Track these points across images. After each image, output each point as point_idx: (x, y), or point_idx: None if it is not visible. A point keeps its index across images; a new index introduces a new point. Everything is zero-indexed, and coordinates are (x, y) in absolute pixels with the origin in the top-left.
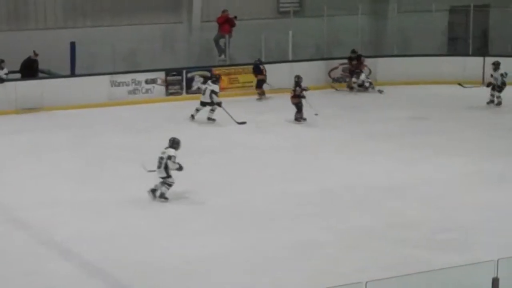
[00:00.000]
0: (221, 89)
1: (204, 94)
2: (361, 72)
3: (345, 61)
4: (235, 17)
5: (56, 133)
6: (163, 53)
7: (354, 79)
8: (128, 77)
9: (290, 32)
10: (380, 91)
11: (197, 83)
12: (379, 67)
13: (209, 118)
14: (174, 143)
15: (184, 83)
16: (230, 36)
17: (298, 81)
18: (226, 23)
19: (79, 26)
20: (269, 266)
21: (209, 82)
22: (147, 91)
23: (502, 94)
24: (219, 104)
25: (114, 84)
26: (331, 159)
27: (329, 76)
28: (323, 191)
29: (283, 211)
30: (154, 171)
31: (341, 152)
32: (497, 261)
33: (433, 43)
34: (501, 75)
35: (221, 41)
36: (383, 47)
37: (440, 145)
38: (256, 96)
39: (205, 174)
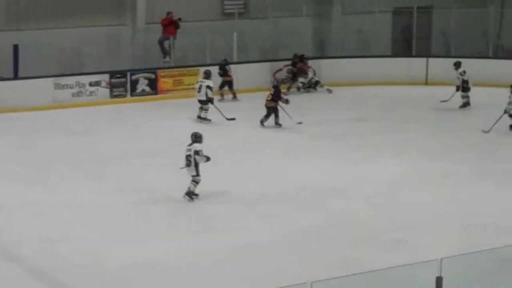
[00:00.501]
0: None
1: (200, 91)
2: (307, 73)
3: (290, 63)
4: (180, 19)
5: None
6: (108, 55)
7: (302, 79)
8: (72, 80)
9: (235, 34)
10: (329, 90)
11: (141, 85)
12: (323, 68)
13: (204, 118)
14: (197, 138)
15: (128, 86)
16: (174, 38)
17: (277, 85)
18: (170, 25)
19: (22, 29)
20: (214, 268)
21: (201, 79)
22: (91, 93)
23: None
24: (211, 100)
25: (58, 86)
26: (277, 160)
27: (274, 77)
28: (268, 192)
29: (227, 212)
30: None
31: (286, 153)
32: (441, 260)
33: (377, 44)
34: (460, 74)
35: (166, 43)
36: (328, 48)
37: (384, 145)
38: (219, 97)
39: (149, 176)
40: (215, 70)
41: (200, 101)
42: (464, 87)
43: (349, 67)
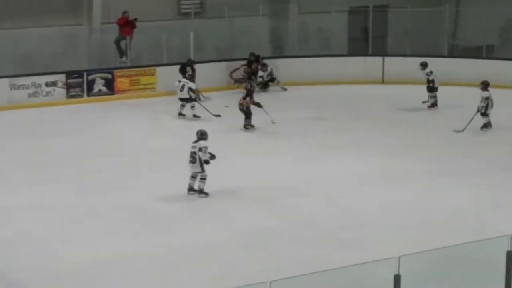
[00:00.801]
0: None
1: (182, 90)
2: (263, 71)
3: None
4: (136, 19)
5: None
6: (64, 55)
7: (261, 73)
8: (28, 80)
9: (192, 33)
10: (283, 88)
11: (98, 85)
12: (280, 68)
13: (194, 115)
14: (203, 135)
15: (85, 86)
16: (131, 38)
17: (251, 89)
18: (126, 25)
19: None
20: (169, 269)
21: (184, 79)
22: (47, 94)
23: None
24: (195, 99)
25: (13, 87)
26: (234, 159)
27: (231, 77)
28: (225, 191)
29: (183, 212)
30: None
31: (243, 152)
32: (399, 258)
33: (333, 44)
34: (427, 74)
35: (122, 43)
36: (284, 48)
37: (341, 144)
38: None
39: (105, 176)
40: (172, 69)
41: (182, 99)
42: (431, 87)
43: (306, 66)
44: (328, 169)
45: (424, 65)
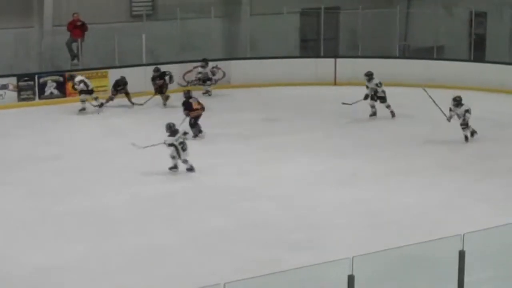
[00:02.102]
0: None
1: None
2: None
3: (199, 63)
4: (84, 24)
5: None
6: (15, 58)
7: (198, 75)
8: None
9: (143, 36)
10: (208, 93)
11: (50, 88)
12: (232, 70)
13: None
14: (170, 129)
15: (36, 89)
16: (82, 40)
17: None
18: (77, 27)
19: None
20: (121, 272)
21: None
22: None
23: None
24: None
25: None
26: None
27: (183, 79)
28: (173, 193)
29: (135, 215)
30: (147, 146)
31: (194, 154)
32: (352, 258)
33: (285, 45)
34: (377, 85)
35: (74, 46)
36: (237, 49)
37: (292, 145)
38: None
39: (57, 180)
40: (124, 72)
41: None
42: (381, 97)
43: (257, 68)
44: (280, 170)
45: (369, 75)
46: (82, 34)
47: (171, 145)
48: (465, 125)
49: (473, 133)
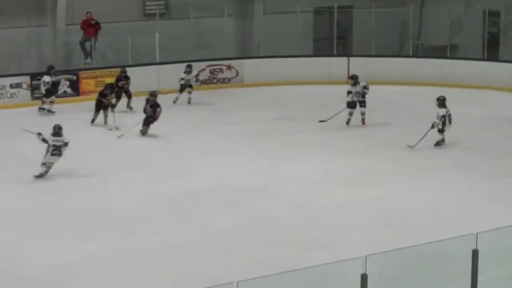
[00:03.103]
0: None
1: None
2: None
3: (213, 62)
4: (97, 23)
5: None
6: (28, 56)
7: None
8: None
9: (157, 34)
10: (189, 100)
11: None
12: (245, 68)
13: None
14: (60, 129)
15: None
16: (95, 39)
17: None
18: (90, 26)
19: None
20: (135, 270)
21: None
22: (12, 95)
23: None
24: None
25: None
26: (197, 160)
27: (197, 78)
28: (188, 192)
29: (148, 214)
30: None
31: (207, 153)
32: (365, 257)
33: (298, 44)
34: (364, 87)
35: (87, 44)
36: (250, 48)
37: (306, 144)
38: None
39: (65, 178)
40: (137, 70)
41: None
42: (363, 101)
43: (270, 67)
44: (293, 169)
45: (354, 78)
46: (96, 33)
47: (44, 140)
48: (440, 128)
49: (441, 141)
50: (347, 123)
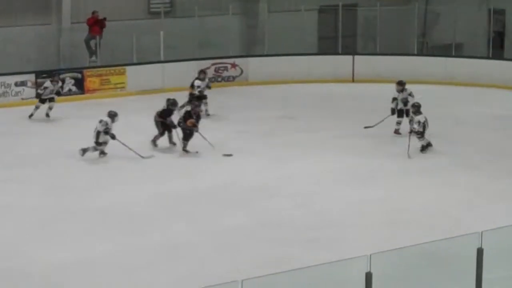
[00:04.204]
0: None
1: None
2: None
3: (218, 61)
4: (105, 19)
5: None
6: (33, 55)
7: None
8: None
9: (162, 33)
10: (206, 113)
11: (68, 85)
12: (250, 67)
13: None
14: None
15: None
16: (100, 37)
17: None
18: (96, 24)
19: None
20: (141, 269)
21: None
22: (17, 93)
23: None
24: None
25: None
26: (202, 159)
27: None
28: (194, 191)
29: (154, 212)
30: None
31: (212, 152)
32: (370, 256)
33: (303, 43)
34: (409, 95)
35: (92, 43)
36: (254, 47)
37: (310, 143)
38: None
39: (76, 177)
40: (142, 69)
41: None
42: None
43: (276, 65)
44: (297, 168)
45: (402, 85)
46: (100, 31)
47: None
48: (420, 134)
49: (428, 145)
50: (396, 132)
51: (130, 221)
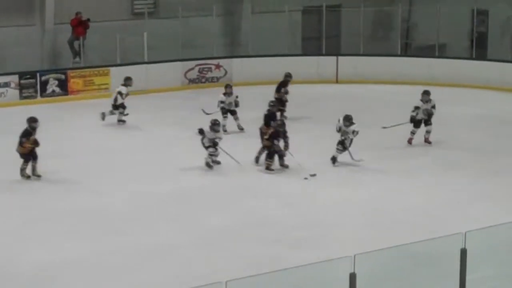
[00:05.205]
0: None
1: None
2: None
3: (202, 62)
4: (88, 20)
5: None
6: (16, 56)
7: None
8: None
9: (145, 34)
10: (240, 128)
11: (52, 86)
12: (234, 68)
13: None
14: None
15: (38, 86)
16: (84, 38)
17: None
18: (79, 25)
19: None
20: (125, 270)
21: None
22: (0, 95)
23: None
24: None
25: None
26: (185, 160)
27: (185, 77)
28: (179, 192)
29: (140, 213)
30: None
31: (195, 152)
32: (354, 256)
33: (287, 43)
34: (433, 107)
35: (76, 43)
36: (238, 47)
37: (294, 143)
38: None
39: (55, 178)
40: (125, 70)
41: (113, 106)
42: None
43: (259, 66)
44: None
45: (428, 94)
46: (84, 32)
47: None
48: (343, 147)
49: (334, 159)
50: (409, 142)
51: (113, 222)
